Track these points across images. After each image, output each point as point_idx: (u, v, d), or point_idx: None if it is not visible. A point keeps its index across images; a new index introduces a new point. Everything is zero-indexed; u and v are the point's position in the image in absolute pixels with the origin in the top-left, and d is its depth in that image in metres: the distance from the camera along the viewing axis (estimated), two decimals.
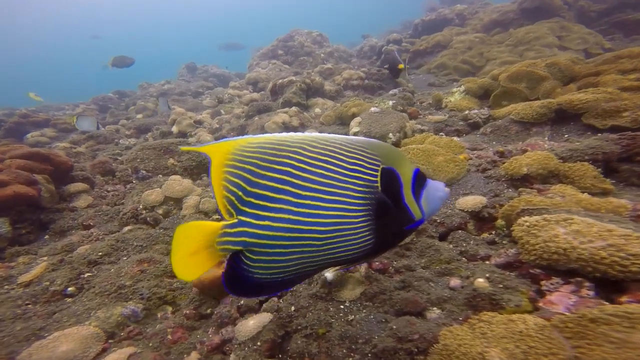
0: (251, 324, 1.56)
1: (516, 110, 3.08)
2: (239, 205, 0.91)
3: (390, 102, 4.46)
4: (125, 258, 2.34)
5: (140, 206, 2.94)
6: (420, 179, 1.01)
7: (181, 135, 5.42)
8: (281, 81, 5.73)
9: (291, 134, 0.94)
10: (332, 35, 11.79)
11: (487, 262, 1.68)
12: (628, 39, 6.03)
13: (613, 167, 2.20)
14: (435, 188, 1.04)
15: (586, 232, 1.37)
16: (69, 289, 2.11)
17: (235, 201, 0.91)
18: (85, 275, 2.22)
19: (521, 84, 3.59)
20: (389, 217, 0.97)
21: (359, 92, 5.80)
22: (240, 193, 0.90)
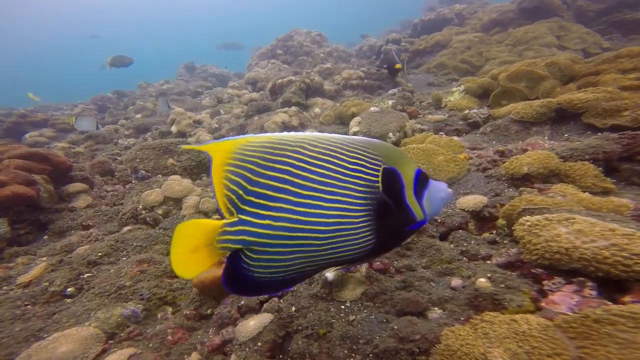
0: (252, 325, 1.55)
1: (516, 110, 3.08)
2: (239, 203, 0.91)
3: (390, 102, 4.45)
4: (124, 258, 2.33)
5: (140, 206, 2.93)
6: (422, 179, 1.01)
7: (180, 135, 5.40)
8: (280, 81, 5.72)
9: (292, 134, 0.94)
10: (332, 35, 11.78)
11: (489, 262, 1.67)
12: (626, 38, 6.03)
13: (614, 167, 2.20)
14: (438, 189, 1.03)
15: (588, 232, 1.37)
16: (69, 289, 2.10)
17: (236, 200, 0.91)
18: (85, 275, 2.21)
19: (521, 84, 3.59)
20: (390, 218, 0.96)
21: (358, 92, 5.79)
22: (240, 192, 0.90)
